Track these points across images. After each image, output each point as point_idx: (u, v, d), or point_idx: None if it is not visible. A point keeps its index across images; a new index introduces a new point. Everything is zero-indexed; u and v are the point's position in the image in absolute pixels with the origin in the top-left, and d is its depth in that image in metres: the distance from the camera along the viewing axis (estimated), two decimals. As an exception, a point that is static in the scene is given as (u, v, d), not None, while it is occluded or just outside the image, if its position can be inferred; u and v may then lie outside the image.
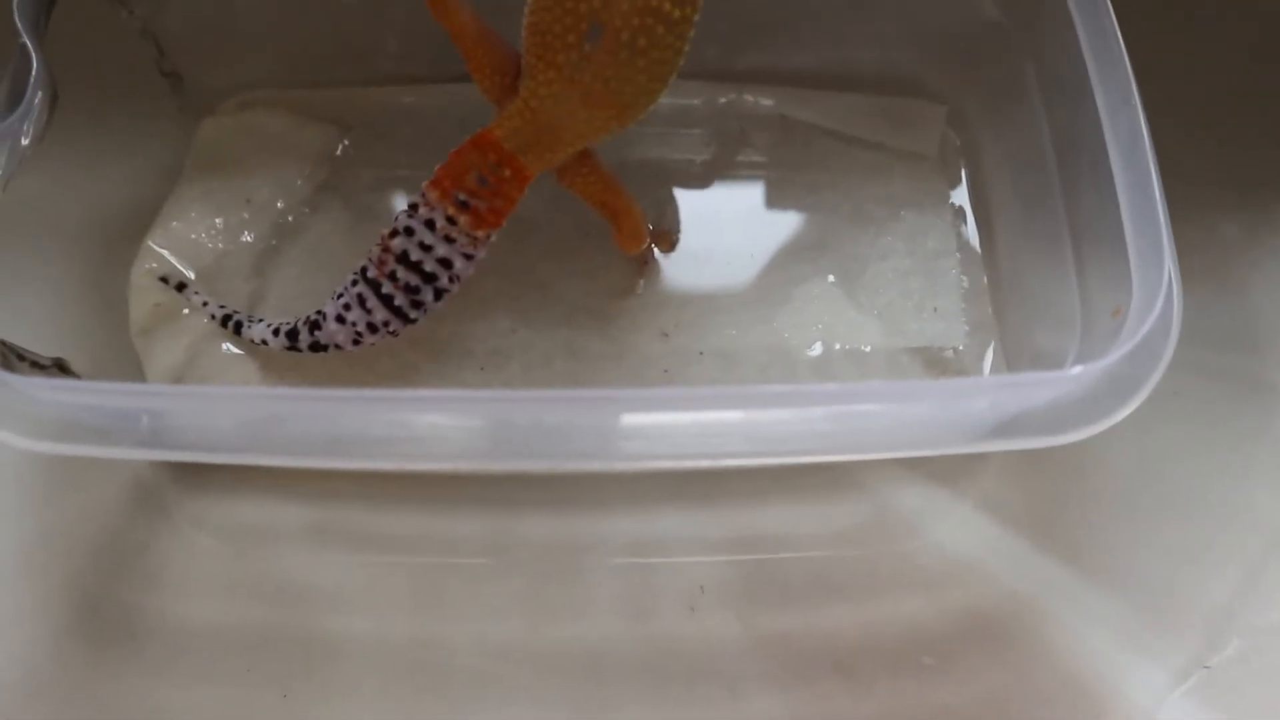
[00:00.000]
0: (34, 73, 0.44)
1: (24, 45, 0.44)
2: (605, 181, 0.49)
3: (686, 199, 0.57)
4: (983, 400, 0.41)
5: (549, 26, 0.42)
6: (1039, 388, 0.40)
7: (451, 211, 0.46)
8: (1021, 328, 0.52)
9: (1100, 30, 0.45)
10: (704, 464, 0.47)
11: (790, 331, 0.52)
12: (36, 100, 0.43)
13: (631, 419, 0.42)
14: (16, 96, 0.43)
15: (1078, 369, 0.38)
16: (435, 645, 0.47)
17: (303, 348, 0.49)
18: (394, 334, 0.48)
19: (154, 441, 0.41)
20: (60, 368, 0.45)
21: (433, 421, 0.43)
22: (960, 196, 0.57)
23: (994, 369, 0.52)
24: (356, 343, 0.48)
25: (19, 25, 0.44)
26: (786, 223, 0.56)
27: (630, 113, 0.45)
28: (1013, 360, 0.51)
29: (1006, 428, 0.40)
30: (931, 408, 0.42)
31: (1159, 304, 0.39)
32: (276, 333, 0.49)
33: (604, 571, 0.49)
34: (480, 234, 0.47)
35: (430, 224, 0.46)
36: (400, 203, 0.56)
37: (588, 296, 0.53)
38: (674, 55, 0.43)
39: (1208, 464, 0.51)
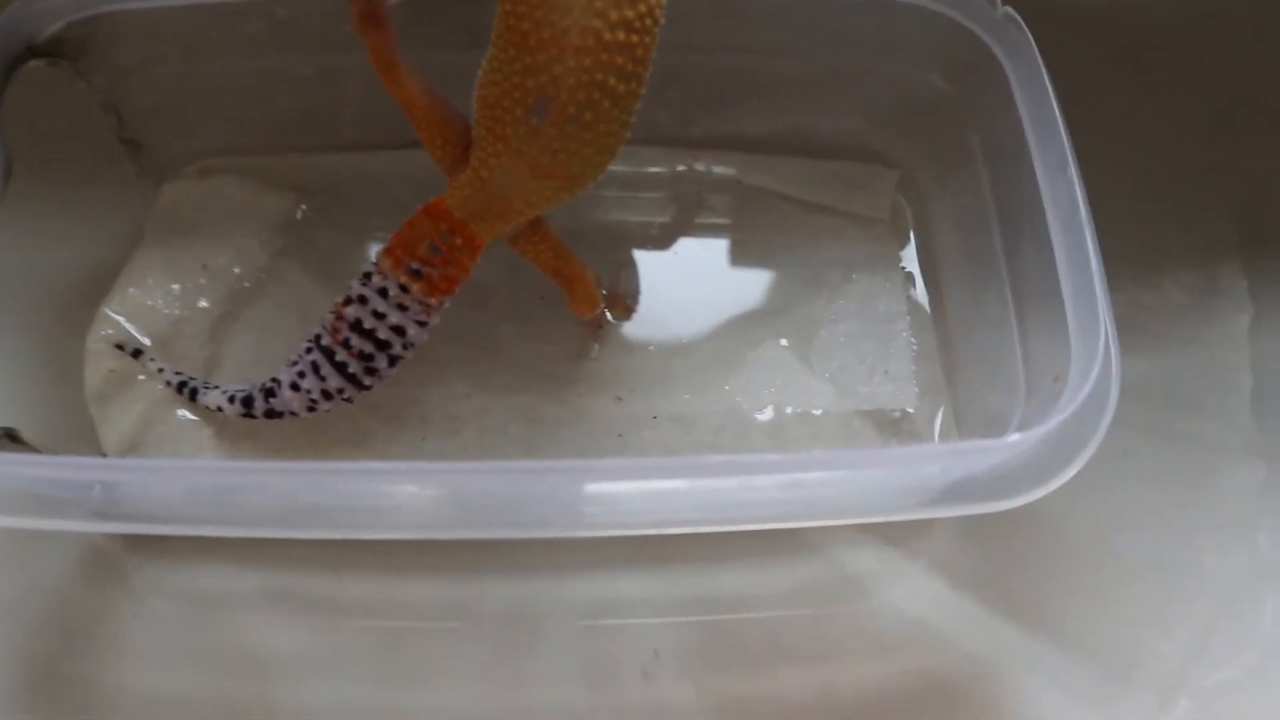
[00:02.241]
0: None
1: None
2: (555, 248, 0.50)
3: (644, 262, 0.58)
4: (929, 467, 0.42)
5: (497, 100, 0.43)
6: (980, 455, 0.40)
7: (404, 279, 0.47)
8: (971, 390, 0.52)
9: (1039, 100, 0.47)
10: (661, 531, 0.47)
11: (743, 395, 0.53)
12: (-10, 171, 0.44)
13: (588, 489, 0.43)
14: (-30, 168, 0.44)
15: (1015, 437, 0.39)
16: (395, 712, 0.47)
17: (258, 414, 0.49)
18: (349, 401, 0.49)
19: (107, 513, 0.42)
20: (10, 437, 0.45)
21: (390, 492, 0.43)
22: (910, 260, 0.58)
23: (944, 430, 0.53)
24: (312, 409, 0.49)
25: None
26: (742, 286, 0.57)
27: (578, 183, 0.46)
28: (963, 422, 0.52)
29: (952, 493, 0.41)
30: (879, 475, 0.43)
31: (1095, 373, 0.40)
32: (232, 400, 0.50)
33: (562, 635, 0.49)
34: (433, 301, 0.47)
35: (383, 292, 0.47)
36: (358, 268, 0.57)
37: (544, 361, 0.54)
38: (619, 128, 0.44)
39: (1157, 524, 0.51)
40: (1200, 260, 0.58)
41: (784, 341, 0.55)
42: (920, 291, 0.57)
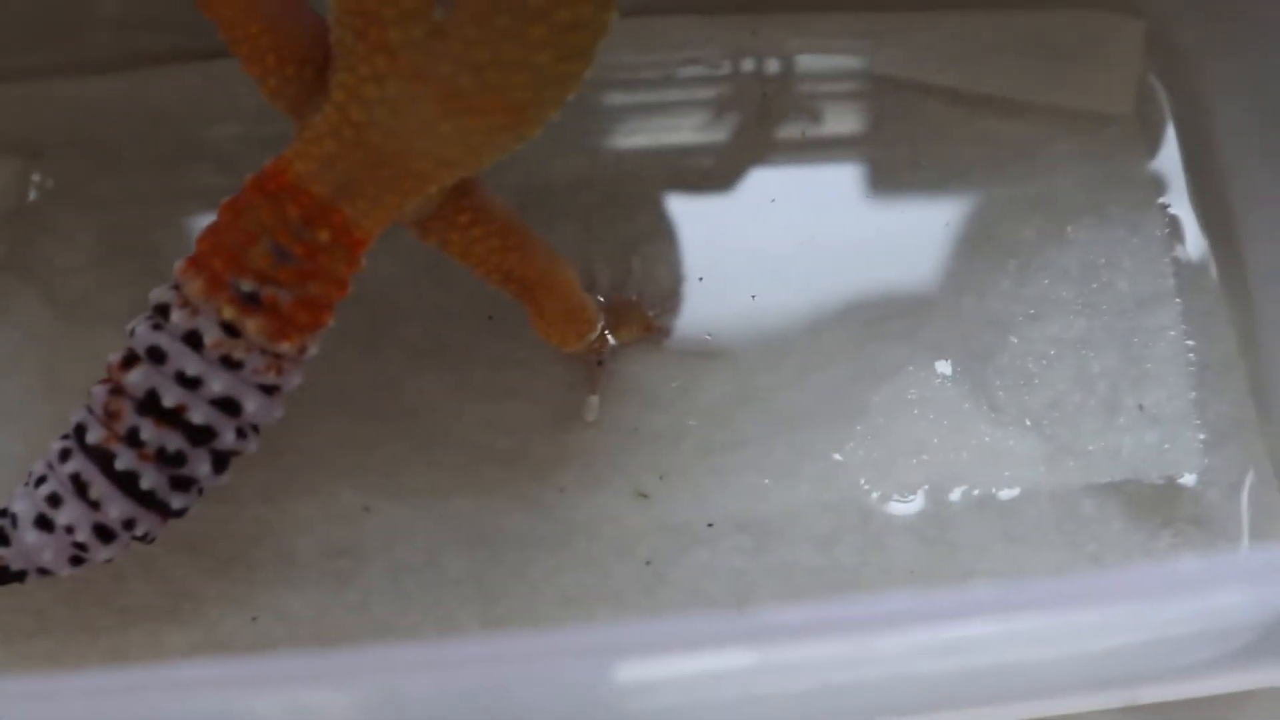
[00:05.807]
0: None
1: None
2: (504, 233, 0.51)
3: (684, 228, 0.59)
4: (1233, 592, 0.42)
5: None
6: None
7: (230, 314, 0.47)
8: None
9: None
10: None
11: (869, 471, 0.54)
12: None
13: (600, 677, 0.43)
14: None
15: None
16: None
17: (-23, 577, 0.51)
18: (146, 539, 0.50)
19: None
20: None
21: (237, 713, 0.44)
22: (1177, 191, 0.58)
23: (1257, 509, 0.53)
24: (78, 562, 0.50)
25: None
26: (859, 263, 0.58)
27: (529, 116, 0.46)
28: (1297, 496, 0.53)
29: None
30: (1138, 613, 0.43)
31: None
32: (-76, 553, 0.51)
33: None
34: (286, 348, 0.48)
35: (193, 339, 0.48)
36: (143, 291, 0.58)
37: (498, 433, 0.55)
38: (596, 9, 0.44)
39: None
40: None
41: (943, 363, 0.56)
42: (1196, 247, 0.57)
